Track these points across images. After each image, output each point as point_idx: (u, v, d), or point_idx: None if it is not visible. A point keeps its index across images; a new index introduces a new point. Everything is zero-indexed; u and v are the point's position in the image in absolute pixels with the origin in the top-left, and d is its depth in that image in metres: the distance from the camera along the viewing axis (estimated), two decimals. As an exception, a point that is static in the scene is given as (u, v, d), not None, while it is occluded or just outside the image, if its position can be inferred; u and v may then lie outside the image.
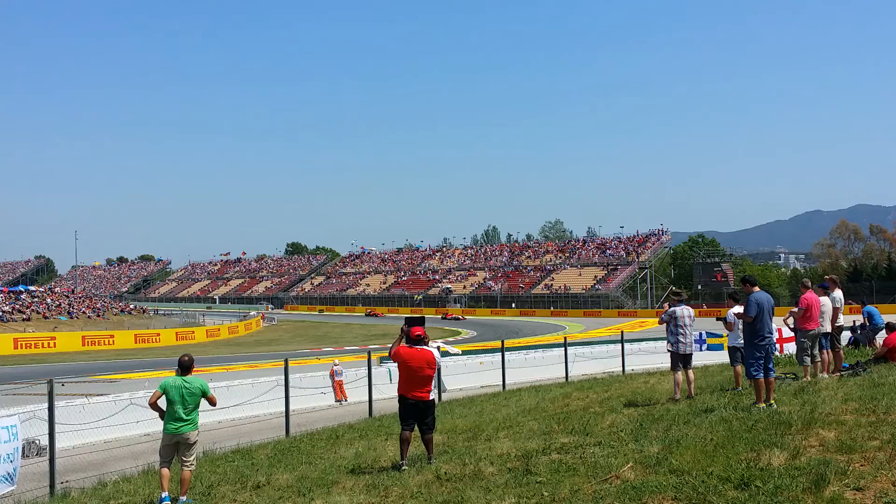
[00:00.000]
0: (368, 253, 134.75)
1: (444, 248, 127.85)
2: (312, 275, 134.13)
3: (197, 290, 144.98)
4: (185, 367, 8.48)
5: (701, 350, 23.12)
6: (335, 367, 21.82)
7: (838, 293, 12.88)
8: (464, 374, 23.67)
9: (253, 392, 18.21)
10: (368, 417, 16.03)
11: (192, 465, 8.47)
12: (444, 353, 24.08)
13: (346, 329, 69.53)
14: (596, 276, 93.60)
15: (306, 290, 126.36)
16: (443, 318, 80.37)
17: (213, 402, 8.73)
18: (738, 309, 11.21)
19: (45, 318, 63.75)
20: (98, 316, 71.76)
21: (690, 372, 12.19)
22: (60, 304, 71.20)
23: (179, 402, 8.33)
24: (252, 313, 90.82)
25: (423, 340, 8.78)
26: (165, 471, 8.33)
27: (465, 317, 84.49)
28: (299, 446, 12.04)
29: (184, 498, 8.20)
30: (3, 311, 61.35)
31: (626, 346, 24.89)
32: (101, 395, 18.22)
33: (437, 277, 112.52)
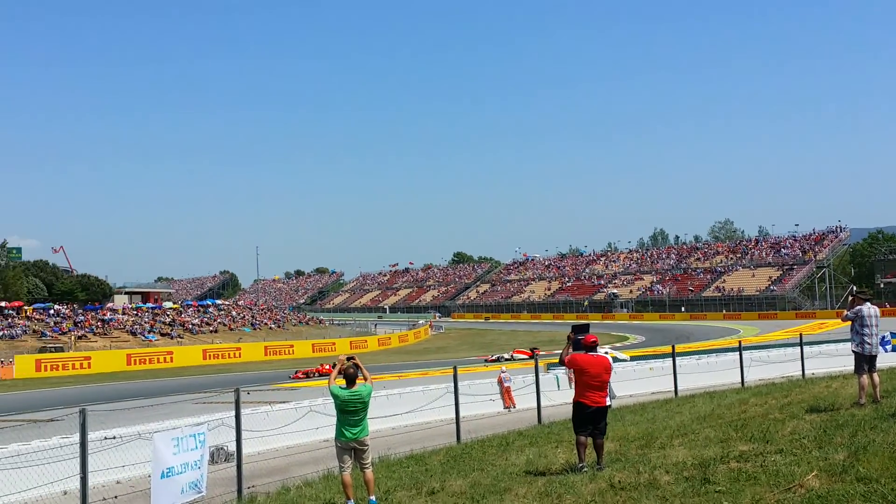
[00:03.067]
0: (532, 260, 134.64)
1: (609, 253, 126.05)
2: (477, 283, 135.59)
3: (368, 301, 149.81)
4: (350, 379, 8.84)
5: (885, 352, 21.65)
6: (503, 374, 21.88)
7: None
8: (633, 381, 23.18)
9: (424, 399, 18.54)
10: (538, 424, 15.99)
11: (370, 465, 8.87)
12: (613, 360, 23.72)
13: (511, 336, 69.74)
14: (770, 277, 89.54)
15: (472, 298, 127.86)
16: None
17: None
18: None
19: (231, 329, 67.92)
20: (279, 327, 75.73)
21: (875, 375, 11.50)
22: (244, 317, 75.58)
23: (352, 412, 8.72)
24: (420, 322, 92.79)
25: (597, 346, 8.96)
26: (348, 478, 8.65)
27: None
28: (471, 453, 12.16)
29: (373, 498, 8.55)
30: (194, 324, 65.84)
31: (806, 348, 23.61)
32: (284, 402, 18.92)
33: (602, 282, 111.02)
